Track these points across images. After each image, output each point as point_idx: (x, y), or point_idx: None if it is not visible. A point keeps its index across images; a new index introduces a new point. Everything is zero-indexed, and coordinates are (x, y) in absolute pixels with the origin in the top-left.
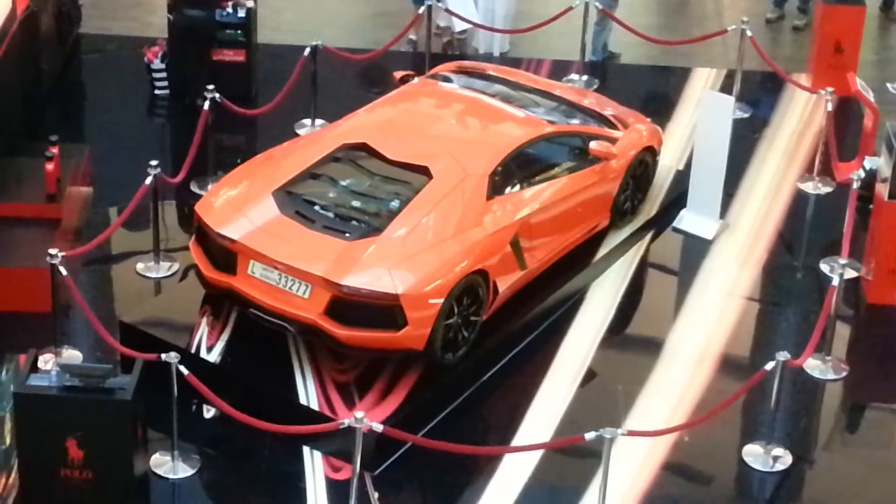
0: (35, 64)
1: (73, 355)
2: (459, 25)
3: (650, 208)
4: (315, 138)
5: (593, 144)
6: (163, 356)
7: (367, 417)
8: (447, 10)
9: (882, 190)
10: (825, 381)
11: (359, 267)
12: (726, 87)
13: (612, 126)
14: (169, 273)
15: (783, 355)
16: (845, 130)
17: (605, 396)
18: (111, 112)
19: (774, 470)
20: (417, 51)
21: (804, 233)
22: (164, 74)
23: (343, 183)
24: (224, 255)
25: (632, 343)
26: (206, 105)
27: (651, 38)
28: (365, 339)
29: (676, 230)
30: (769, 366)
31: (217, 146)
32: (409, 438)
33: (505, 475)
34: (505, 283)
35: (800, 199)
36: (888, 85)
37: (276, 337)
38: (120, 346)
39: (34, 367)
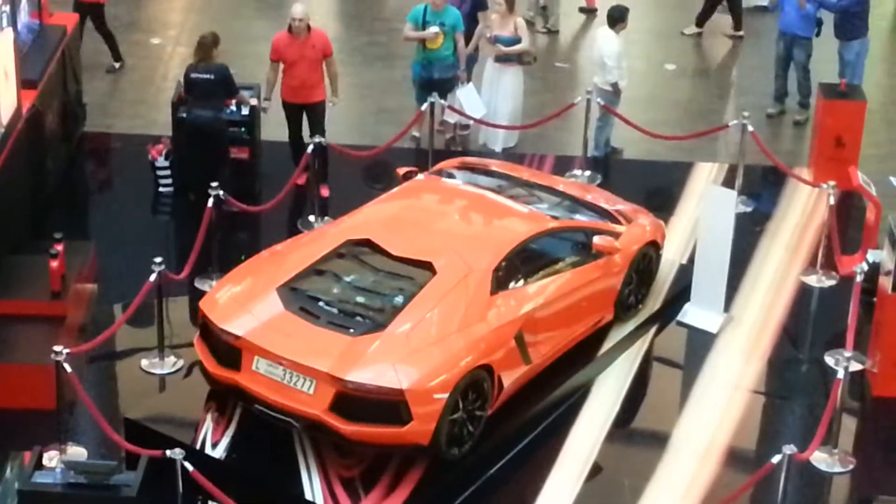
0: (40, 162)
1: (77, 452)
2: (472, 114)
3: (654, 302)
4: (319, 235)
5: (597, 239)
6: (168, 452)
7: None
8: (450, 108)
9: (886, 283)
10: (832, 473)
11: (363, 362)
12: (728, 182)
13: (616, 221)
14: (174, 369)
15: (790, 448)
16: (848, 224)
17: (611, 490)
18: (116, 209)
19: None
20: (420, 147)
21: (808, 326)
22: (168, 172)
23: (347, 279)
24: (229, 351)
25: (638, 437)
26: (211, 202)
27: (653, 134)
28: (370, 434)
29: (681, 324)
30: (776, 459)
31: (221, 243)
32: None
33: None
34: (510, 378)
35: (803, 292)
36: (890, 178)
37: (282, 433)
38: (125, 442)
39: (39, 464)
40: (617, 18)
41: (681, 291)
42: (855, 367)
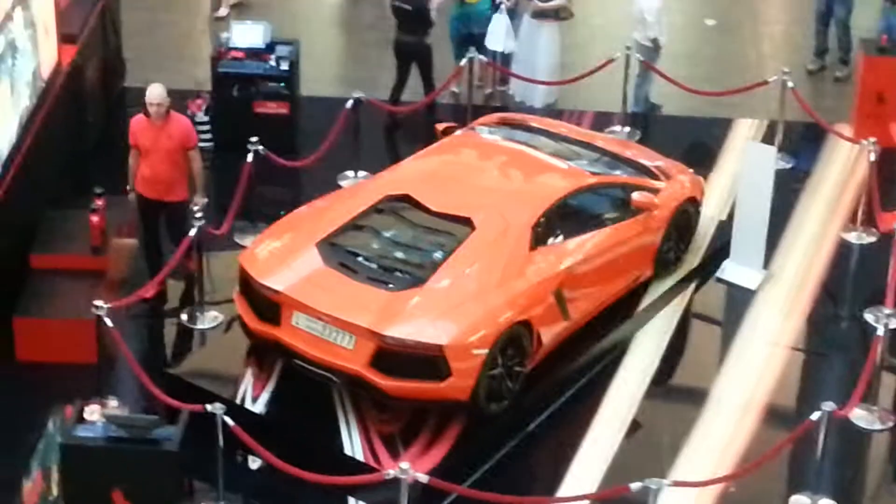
0: (80, 117)
1: (118, 406)
2: (490, 46)
3: (693, 259)
4: (358, 190)
5: (636, 195)
6: (208, 407)
7: (412, 468)
8: (489, 63)
9: None
10: (871, 431)
11: (403, 318)
12: (768, 138)
13: (655, 177)
14: (214, 324)
15: (829, 405)
16: (888, 180)
17: (650, 447)
18: None
19: None
20: (460, 103)
21: (848, 283)
22: (207, 127)
23: (386, 234)
24: (268, 306)
25: (676, 393)
26: (250, 157)
27: (692, 90)
28: (409, 389)
29: (720, 280)
30: (815, 416)
31: (261, 198)
32: (454, 489)
33: None
34: (549, 334)
35: (843, 249)
36: None
37: (321, 388)
38: (165, 397)
39: (80, 419)
40: None
41: (720, 248)
42: (895, 324)
